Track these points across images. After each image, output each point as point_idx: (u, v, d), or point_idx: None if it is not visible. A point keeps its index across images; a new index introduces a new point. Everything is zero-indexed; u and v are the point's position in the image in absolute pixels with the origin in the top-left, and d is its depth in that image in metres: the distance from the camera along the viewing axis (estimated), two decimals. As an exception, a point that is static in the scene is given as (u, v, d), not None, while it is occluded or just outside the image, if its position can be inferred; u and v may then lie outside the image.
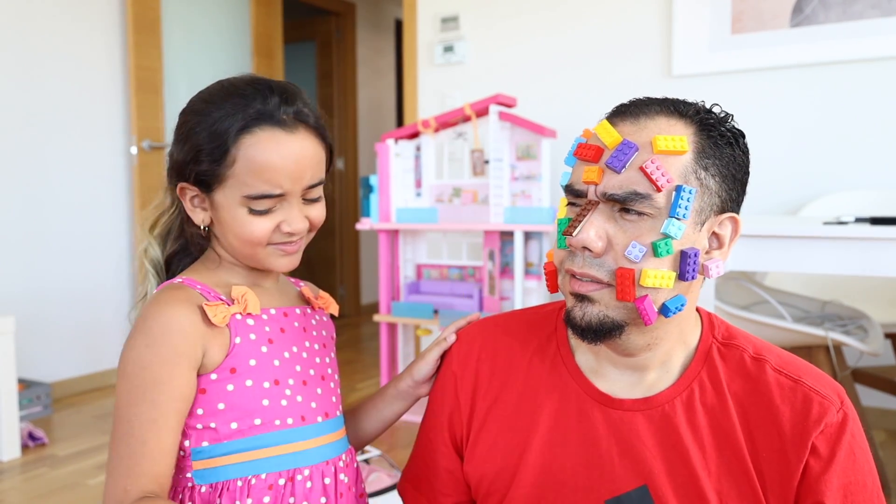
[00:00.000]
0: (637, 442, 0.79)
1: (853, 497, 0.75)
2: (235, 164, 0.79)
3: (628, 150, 0.71)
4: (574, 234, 0.73)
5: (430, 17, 3.28)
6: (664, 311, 0.75)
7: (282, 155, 0.79)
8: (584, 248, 0.73)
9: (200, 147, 0.80)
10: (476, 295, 2.48)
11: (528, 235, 2.40)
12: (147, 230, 0.91)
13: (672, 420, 0.78)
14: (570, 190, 0.77)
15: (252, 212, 0.81)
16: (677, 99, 0.77)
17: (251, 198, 0.80)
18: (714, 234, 0.77)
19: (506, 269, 2.45)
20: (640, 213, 0.72)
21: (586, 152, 0.75)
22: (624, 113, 0.76)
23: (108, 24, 3.16)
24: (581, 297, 0.75)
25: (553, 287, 0.81)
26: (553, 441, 0.82)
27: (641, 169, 0.71)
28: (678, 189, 0.72)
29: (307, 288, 0.98)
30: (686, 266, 0.73)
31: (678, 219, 0.72)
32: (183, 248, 0.92)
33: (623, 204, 0.72)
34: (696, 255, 0.73)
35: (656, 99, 0.77)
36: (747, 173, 0.78)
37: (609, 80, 2.90)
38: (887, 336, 2.24)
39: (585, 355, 0.84)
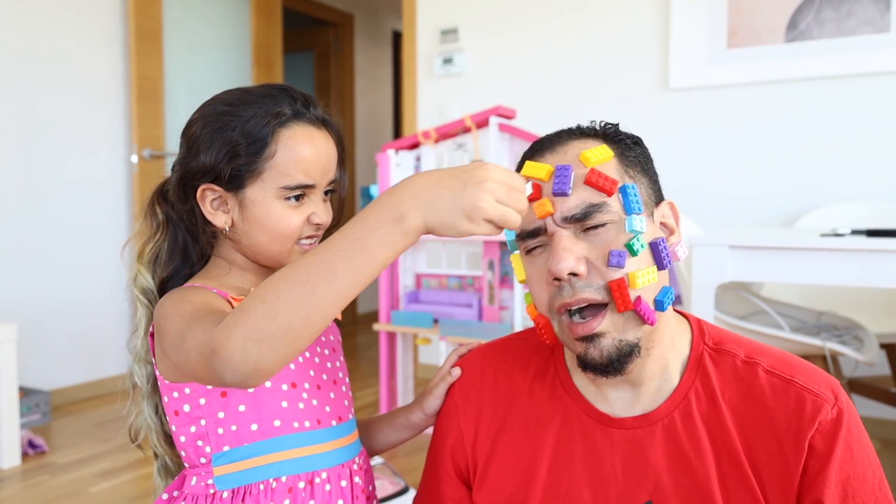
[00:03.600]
0: (640, 459, 0.79)
1: (853, 492, 0.75)
2: (275, 157, 0.84)
3: (567, 171, 0.75)
4: (556, 265, 0.73)
5: (430, 28, 3.32)
6: (659, 305, 0.77)
7: (316, 148, 0.86)
8: (571, 274, 0.74)
9: (237, 143, 0.83)
10: (475, 304, 2.49)
11: (527, 245, 2.41)
12: (136, 259, 0.91)
13: (672, 433, 0.79)
14: (524, 235, 0.78)
15: (286, 203, 0.85)
16: (570, 127, 0.83)
17: (288, 188, 0.84)
18: (662, 224, 0.81)
19: (505, 279, 2.46)
20: (602, 225, 0.75)
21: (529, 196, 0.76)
22: (539, 150, 0.81)
23: (110, 33, 3.18)
24: (590, 338, 0.76)
25: (551, 337, 0.81)
26: (558, 465, 0.83)
27: (587, 183, 0.75)
28: (623, 189, 0.76)
29: None
30: (660, 255, 0.77)
31: (637, 213, 0.76)
32: (175, 273, 0.92)
33: (585, 220, 0.75)
34: (664, 242, 0.78)
35: (555, 132, 0.83)
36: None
37: (607, 92, 2.94)
38: (882, 346, 2.27)
39: (583, 377, 0.85)
